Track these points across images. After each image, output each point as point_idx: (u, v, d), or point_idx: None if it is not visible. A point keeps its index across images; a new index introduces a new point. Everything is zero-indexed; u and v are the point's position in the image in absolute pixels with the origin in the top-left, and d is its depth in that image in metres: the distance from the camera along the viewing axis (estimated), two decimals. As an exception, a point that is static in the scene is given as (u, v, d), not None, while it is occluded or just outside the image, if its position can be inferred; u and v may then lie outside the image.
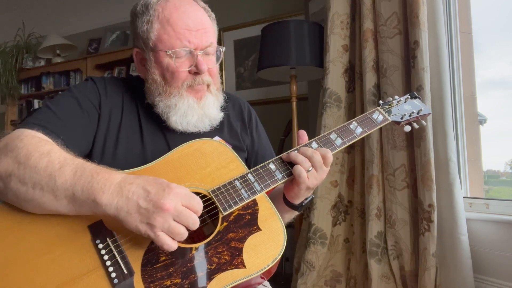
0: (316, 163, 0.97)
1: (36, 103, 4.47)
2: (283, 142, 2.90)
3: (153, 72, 1.06)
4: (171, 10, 1.03)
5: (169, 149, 1.06)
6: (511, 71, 2.21)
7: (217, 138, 1.14)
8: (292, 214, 1.14)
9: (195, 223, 0.80)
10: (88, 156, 1.02)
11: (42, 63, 4.56)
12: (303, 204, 1.06)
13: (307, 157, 0.97)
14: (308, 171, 0.97)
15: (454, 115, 1.98)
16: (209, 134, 1.12)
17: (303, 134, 1.05)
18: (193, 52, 1.04)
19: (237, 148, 1.11)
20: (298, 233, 2.39)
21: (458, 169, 1.91)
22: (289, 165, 1.01)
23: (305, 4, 3.11)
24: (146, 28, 1.04)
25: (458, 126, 2.00)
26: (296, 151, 1.00)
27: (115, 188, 0.80)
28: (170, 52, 1.02)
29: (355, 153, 2.18)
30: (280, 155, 1.03)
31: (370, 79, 2.05)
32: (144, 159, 1.04)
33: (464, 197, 1.89)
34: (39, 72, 4.44)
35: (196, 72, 1.04)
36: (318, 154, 0.98)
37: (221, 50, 1.13)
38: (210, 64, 1.08)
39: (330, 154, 0.99)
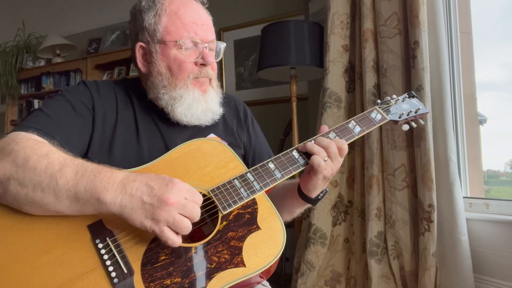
0: (331, 154, 0.99)
1: (36, 103, 4.46)
2: (283, 142, 2.90)
3: (159, 64, 1.07)
4: (178, 5, 1.08)
5: (166, 145, 1.08)
6: (501, 74, 2.24)
7: (212, 135, 1.14)
8: (302, 209, 1.16)
9: (198, 214, 0.81)
10: (84, 157, 1.02)
11: (42, 63, 4.56)
12: (319, 197, 1.08)
13: (323, 147, 1.00)
14: (324, 161, 0.99)
15: (454, 115, 1.98)
16: (204, 131, 1.13)
17: (324, 128, 1.08)
18: (199, 44, 1.07)
19: (232, 145, 1.12)
20: (298, 233, 2.39)
21: (458, 169, 1.91)
22: (305, 155, 1.02)
23: (305, 4, 3.11)
24: (153, 21, 1.07)
25: (458, 126, 2.00)
26: (312, 141, 1.02)
27: (118, 186, 0.80)
28: (180, 41, 1.05)
29: (355, 153, 2.18)
30: (296, 145, 1.05)
31: (370, 79, 2.05)
32: (140, 157, 1.04)
33: (464, 197, 1.89)
34: (39, 72, 4.44)
35: (202, 63, 1.08)
36: (334, 145, 1.00)
37: (222, 46, 1.16)
38: (212, 59, 1.11)
39: (346, 146, 1.02)
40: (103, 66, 4.13)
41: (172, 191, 0.79)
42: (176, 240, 0.80)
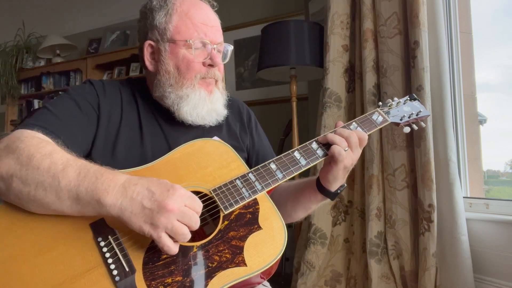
0: (352, 144, 1.02)
1: (36, 103, 4.46)
2: (283, 142, 2.90)
3: (167, 63, 1.08)
4: (189, 5, 1.10)
5: (169, 146, 1.08)
6: (501, 74, 2.25)
7: (215, 138, 1.15)
8: (318, 205, 1.17)
9: (197, 223, 0.82)
10: (88, 156, 1.02)
11: (42, 63, 4.55)
12: (338, 191, 1.10)
13: (344, 137, 1.02)
14: (344, 150, 1.01)
15: (454, 115, 1.98)
16: (208, 133, 1.14)
17: (340, 123, 1.11)
18: (208, 45, 1.09)
19: (236, 148, 1.12)
20: (298, 233, 2.39)
21: (458, 169, 1.92)
22: (325, 146, 1.05)
23: (305, 4, 3.11)
24: (164, 20, 1.08)
25: (458, 126, 2.00)
26: (333, 133, 1.05)
27: (120, 189, 0.80)
28: (190, 41, 1.06)
29: (355, 153, 2.18)
30: (317, 137, 1.07)
31: (370, 79, 2.05)
32: (143, 157, 1.05)
33: (464, 197, 1.89)
34: (39, 72, 4.44)
35: (210, 64, 1.09)
36: (354, 134, 1.03)
37: (229, 49, 1.19)
38: (220, 60, 1.13)
39: (366, 136, 1.05)
40: (103, 66, 4.12)
41: (172, 197, 0.79)
42: (172, 248, 0.80)
